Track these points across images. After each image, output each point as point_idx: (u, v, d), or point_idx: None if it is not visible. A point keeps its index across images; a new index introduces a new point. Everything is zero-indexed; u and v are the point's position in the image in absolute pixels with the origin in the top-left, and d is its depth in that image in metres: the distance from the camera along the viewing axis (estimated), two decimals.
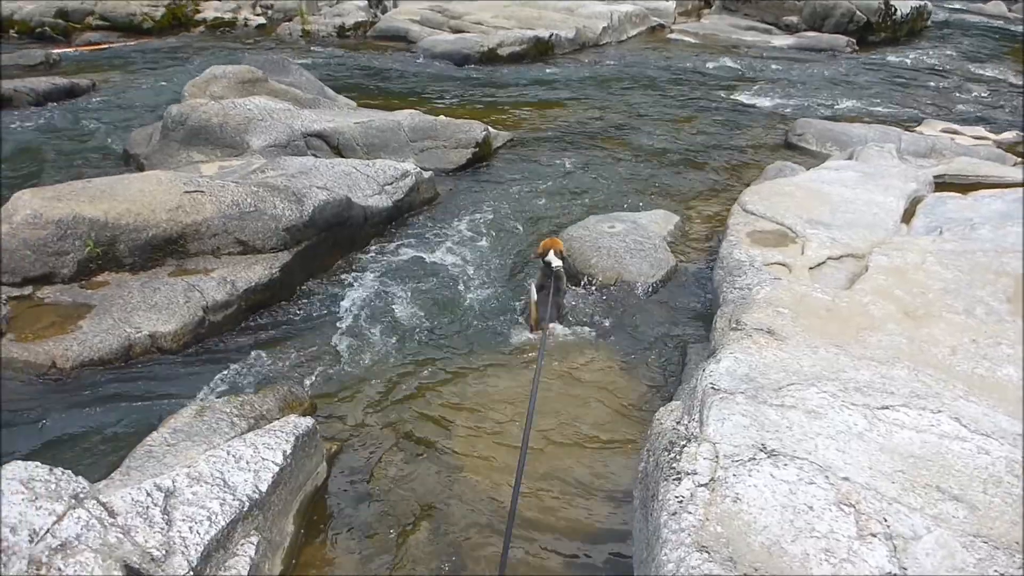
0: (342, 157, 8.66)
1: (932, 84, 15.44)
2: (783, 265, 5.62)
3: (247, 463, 3.66)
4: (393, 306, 6.19)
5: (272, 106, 8.93)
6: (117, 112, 10.90)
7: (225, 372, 5.21)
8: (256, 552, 3.40)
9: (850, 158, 8.83)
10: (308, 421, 4.08)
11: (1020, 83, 15.81)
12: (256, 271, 6.07)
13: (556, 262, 5.76)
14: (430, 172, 8.32)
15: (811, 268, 5.55)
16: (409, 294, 6.38)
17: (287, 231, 6.31)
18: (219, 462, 3.63)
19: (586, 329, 5.92)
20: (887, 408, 3.39)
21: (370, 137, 8.97)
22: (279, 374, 5.27)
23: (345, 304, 6.18)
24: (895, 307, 4.58)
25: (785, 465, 2.94)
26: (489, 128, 9.91)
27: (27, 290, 5.53)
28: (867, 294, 4.76)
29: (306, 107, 9.72)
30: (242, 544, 3.39)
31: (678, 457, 3.08)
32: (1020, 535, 2.73)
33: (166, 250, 5.99)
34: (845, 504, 2.78)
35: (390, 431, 4.77)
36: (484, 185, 8.93)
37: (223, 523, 3.29)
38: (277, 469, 3.68)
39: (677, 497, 2.84)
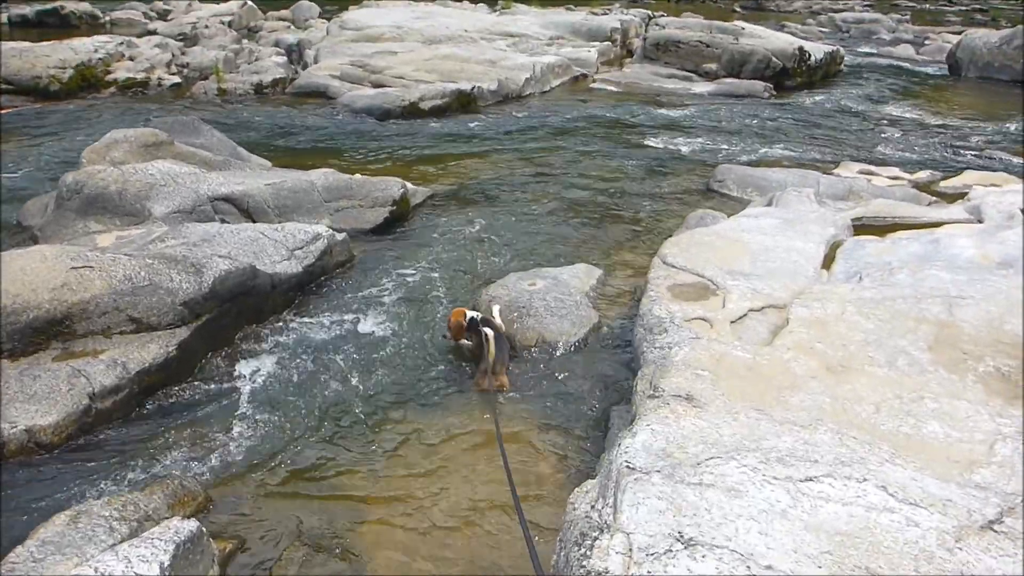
0: (252, 221, 8.30)
1: (848, 126, 15.80)
2: (704, 320, 5.45)
3: None
4: (301, 381, 5.83)
5: (176, 170, 8.54)
6: (13, 181, 10.34)
7: (112, 467, 4.77)
8: None
9: (769, 204, 8.83)
10: (192, 525, 3.69)
11: (933, 123, 16.30)
12: (151, 350, 5.65)
13: (487, 331, 5.87)
14: (344, 234, 8.00)
15: (732, 322, 5.39)
16: (319, 367, 6.03)
17: (185, 305, 5.92)
18: None
19: (508, 396, 5.63)
20: (811, 480, 3.18)
21: (282, 199, 8.63)
22: (174, 464, 4.85)
23: (249, 381, 5.79)
24: (817, 362, 4.43)
25: (703, 557, 2.69)
26: (407, 185, 9.67)
27: None
28: (788, 349, 4.61)
29: (215, 169, 9.34)
30: None
31: (588, 553, 2.81)
32: None
33: (49, 332, 5.53)
34: None
35: (292, 524, 4.39)
36: (402, 245, 8.65)
37: None
38: None
39: None
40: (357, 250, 8.30)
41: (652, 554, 2.72)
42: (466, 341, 6.12)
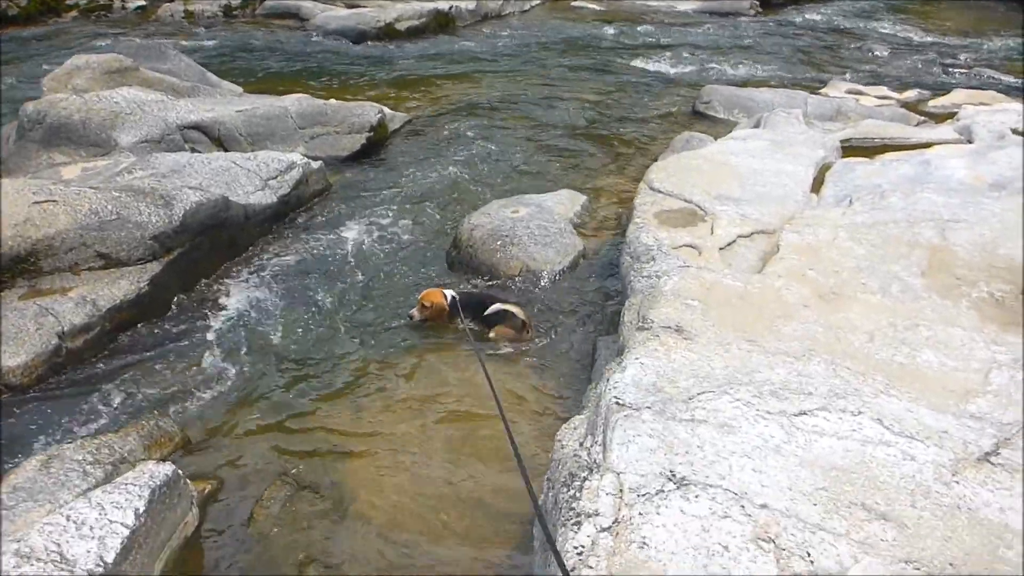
0: (224, 150, 8.03)
1: (835, 44, 15.46)
2: (692, 247, 5.32)
3: (91, 529, 3.15)
4: (278, 315, 5.67)
5: (143, 98, 8.19)
6: None
7: (85, 408, 4.63)
8: None
9: (757, 126, 8.61)
10: (167, 468, 3.57)
11: (921, 40, 15.96)
12: (121, 287, 5.46)
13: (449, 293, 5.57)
14: (319, 162, 7.74)
15: (721, 249, 5.27)
16: (296, 300, 5.87)
17: (155, 239, 5.71)
18: (56, 531, 3.11)
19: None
20: (805, 414, 3.08)
21: (254, 126, 8.33)
22: (149, 404, 4.72)
23: (225, 316, 5.63)
24: (809, 290, 4.31)
25: (696, 496, 2.60)
26: (384, 110, 9.37)
27: None
28: (779, 277, 4.48)
29: (184, 96, 8.99)
30: None
31: (578, 494, 2.71)
32: (952, 554, 2.46)
33: (14, 271, 5.32)
34: (764, 539, 2.45)
35: (273, 464, 4.28)
36: (380, 173, 8.40)
37: None
38: (128, 532, 3.18)
39: (576, 548, 2.46)
40: (334, 178, 8.06)
41: (643, 495, 2.63)
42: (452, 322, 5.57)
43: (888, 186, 6.00)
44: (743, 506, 2.57)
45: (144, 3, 16.92)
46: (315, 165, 7.59)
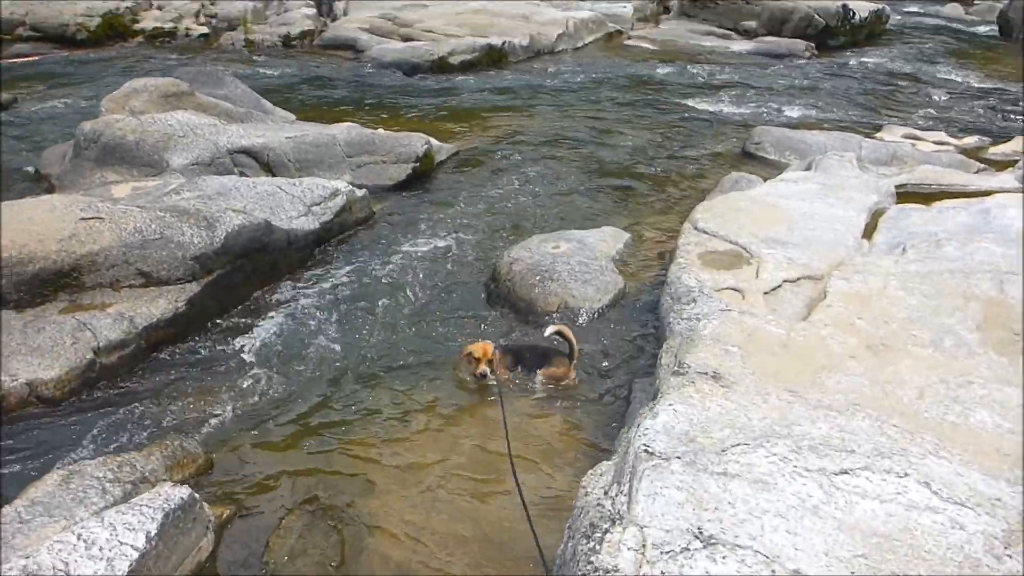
0: (272, 175, 8.09)
1: (892, 88, 15.18)
2: (736, 290, 5.15)
3: (100, 550, 3.10)
4: (313, 343, 5.63)
5: (196, 121, 8.32)
6: (36, 128, 10.22)
7: (113, 424, 4.62)
8: None
9: (809, 168, 8.42)
10: (183, 491, 3.51)
11: (982, 86, 15.60)
12: (159, 305, 5.49)
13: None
14: (364, 190, 7.76)
15: (766, 293, 5.09)
16: (332, 329, 5.83)
17: (196, 260, 5.73)
18: (65, 550, 3.07)
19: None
20: (846, 472, 2.91)
21: (303, 153, 8.40)
22: (177, 424, 4.69)
23: (260, 340, 5.60)
24: (856, 340, 4.13)
25: (724, 558, 2.44)
26: (432, 141, 9.38)
27: None
28: (826, 325, 4.30)
29: (236, 121, 9.13)
30: None
31: (598, 547, 2.57)
32: None
33: (57, 284, 5.38)
34: None
35: (294, 492, 4.20)
36: (424, 203, 8.39)
37: None
38: (137, 556, 3.12)
39: None
40: (378, 207, 8.07)
41: (668, 552, 2.48)
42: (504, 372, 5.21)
43: (944, 234, 5.77)
44: (773, 570, 2.41)
45: (207, 31, 17.36)
46: (359, 193, 7.61)
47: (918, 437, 3.21)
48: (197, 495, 3.61)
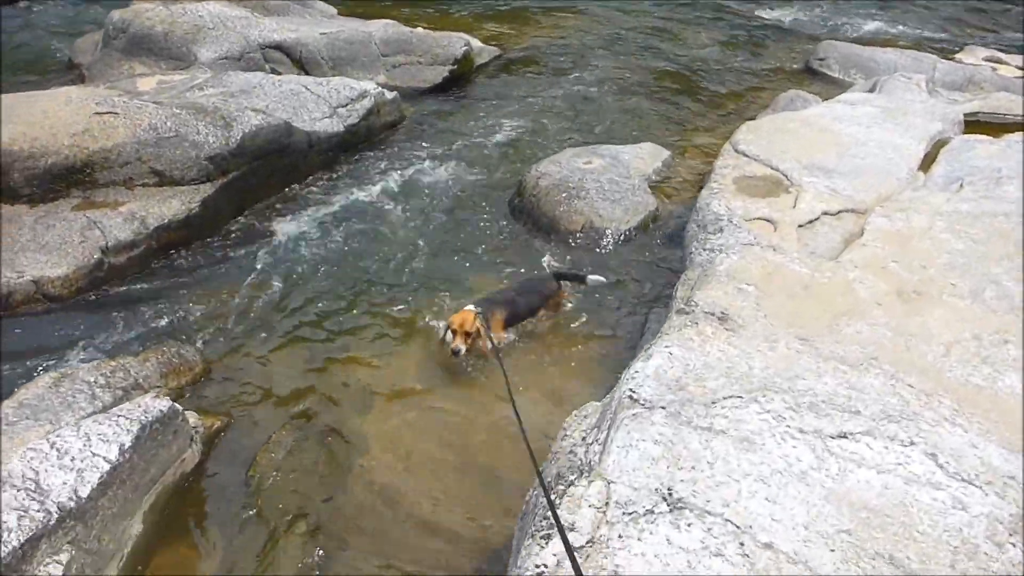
0: (305, 72, 7.86)
1: (983, 5, 13.98)
2: (768, 221, 4.82)
3: (72, 460, 3.05)
4: (326, 253, 5.48)
5: (227, 13, 8.06)
6: (73, 15, 10.05)
7: (115, 325, 4.58)
8: (65, 573, 2.81)
9: (872, 90, 7.83)
10: (163, 404, 3.44)
11: None
12: (172, 206, 5.38)
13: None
14: (394, 93, 7.47)
15: (800, 226, 4.74)
16: (348, 239, 5.67)
17: (211, 160, 5.59)
18: (37, 459, 3.03)
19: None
20: (845, 436, 2.66)
21: (337, 50, 8.11)
22: (178, 329, 4.63)
23: (272, 247, 5.48)
24: (886, 285, 3.80)
25: (690, 525, 2.25)
26: (472, 42, 8.98)
27: None
28: (855, 267, 3.98)
29: (272, 14, 8.83)
30: (46, 564, 2.80)
31: (559, 500, 2.40)
32: None
33: (69, 180, 5.30)
34: None
35: (286, 406, 4.13)
36: (458, 108, 8.07)
37: (16, 543, 2.68)
38: (109, 468, 3.07)
39: (537, 567, 2.16)
40: (409, 111, 7.78)
41: (630, 513, 2.29)
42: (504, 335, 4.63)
43: (1008, 172, 5.29)
44: (742, 543, 2.20)
45: None
46: (389, 95, 7.32)
47: (935, 400, 2.93)
48: (179, 407, 3.54)
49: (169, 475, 3.53)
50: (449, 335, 4.33)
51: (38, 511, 2.81)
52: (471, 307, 4.33)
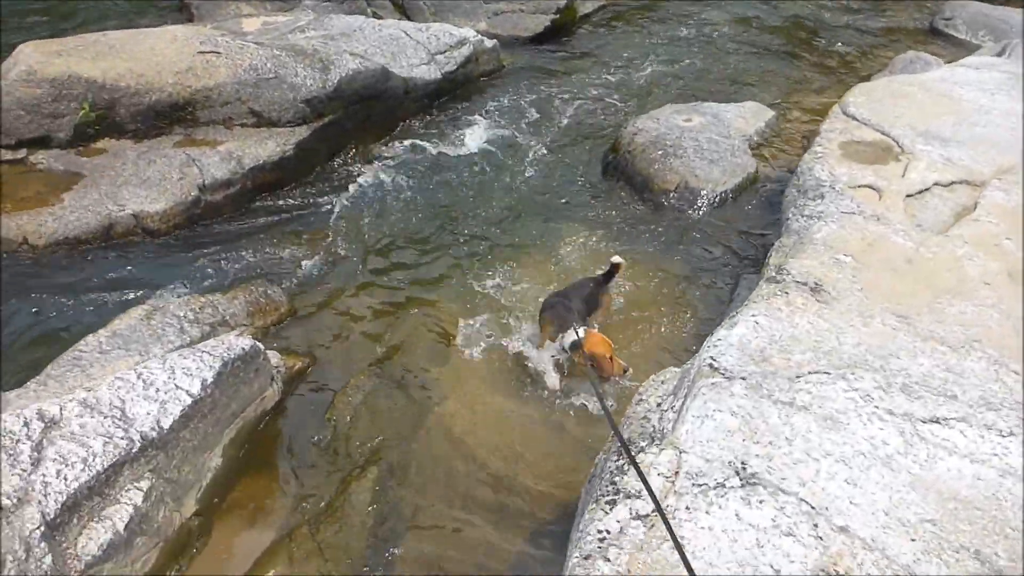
0: (406, 17, 7.85)
1: None
2: (873, 189, 4.55)
3: (156, 391, 3.15)
4: (417, 202, 5.49)
5: None
6: None
7: (208, 262, 4.71)
8: (146, 499, 2.93)
9: (1001, 54, 7.29)
10: (246, 342, 3.52)
11: None
12: (267, 147, 5.47)
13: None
14: (494, 41, 7.38)
15: (908, 196, 4.47)
16: (438, 189, 5.66)
17: (307, 103, 5.64)
18: (124, 388, 3.14)
19: (630, 243, 5.06)
20: (937, 422, 2.51)
21: None
22: (267, 269, 4.73)
23: (364, 193, 5.52)
24: (997, 264, 3.55)
25: (762, 502, 2.16)
26: None
27: (21, 153, 5.15)
28: (965, 242, 3.73)
29: None
30: (128, 490, 2.92)
31: (627, 467, 2.34)
32: None
33: (172, 117, 5.44)
34: (828, 573, 1.99)
35: (366, 352, 4.19)
36: (557, 59, 7.91)
37: (100, 467, 2.80)
38: (190, 401, 3.16)
39: (600, 532, 2.12)
40: (509, 59, 7.68)
41: (700, 485, 2.22)
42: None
43: None
44: (816, 524, 2.11)
45: None
46: (488, 44, 7.24)
47: None
48: (261, 346, 3.62)
49: (250, 411, 3.63)
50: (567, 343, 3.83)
51: (122, 439, 2.92)
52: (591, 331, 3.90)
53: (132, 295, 4.31)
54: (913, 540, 2.11)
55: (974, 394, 2.66)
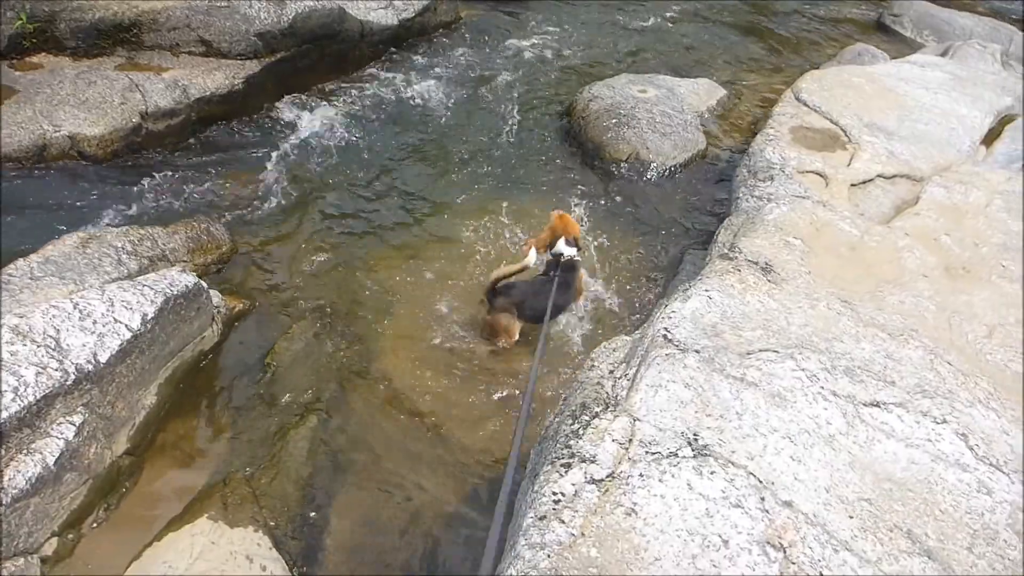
0: None
1: None
2: (820, 176, 4.67)
3: (94, 323, 3.03)
4: (365, 147, 5.38)
5: None
6: None
7: (146, 193, 4.54)
8: (78, 434, 2.83)
9: (944, 54, 7.51)
10: (189, 279, 3.41)
11: None
12: (215, 78, 5.27)
13: (569, 251, 3.99)
14: None
15: (853, 185, 4.60)
16: (387, 136, 5.56)
17: (260, 37, 5.44)
18: (59, 317, 3.01)
19: (578, 209, 5.07)
20: (877, 405, 2.61)
21: None
22: (210, 204, 4.58)
23: (312, 134, 5.39)
24: (935, 259, 3.69)
25: (712, 473, 2.22)
26: None
27: None
28: (906, 235, 3.86)
29: None
30: (59, 424, 2.82)
31: (581, 431, 2.37)
32: None
33: (116, 38, 5.19)
34: (774, 545, 2.06)
35: (311, 297, 4.11)
36: (516, 17, 7.81)
37: (32, 398, 2.70)
38: (130, 336, 3.06)
39: (554, 494, 2.14)
40: (467, 12, 7.54)
41: (653, 453, 2.26)
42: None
43: None
44: (763, 498, 2.18)
45: None
46: None
47: (971, 381, 2.86)
48: (204, 284, 3.52)
49: (188, 351, 3.53)
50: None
51: (56, 370, 2.81)
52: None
53: (66, 221, 4.11)
54: (851, 517, 2.20)
55: (911, 381, 2.77)
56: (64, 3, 4.93)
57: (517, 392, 3.70)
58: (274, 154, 5.11)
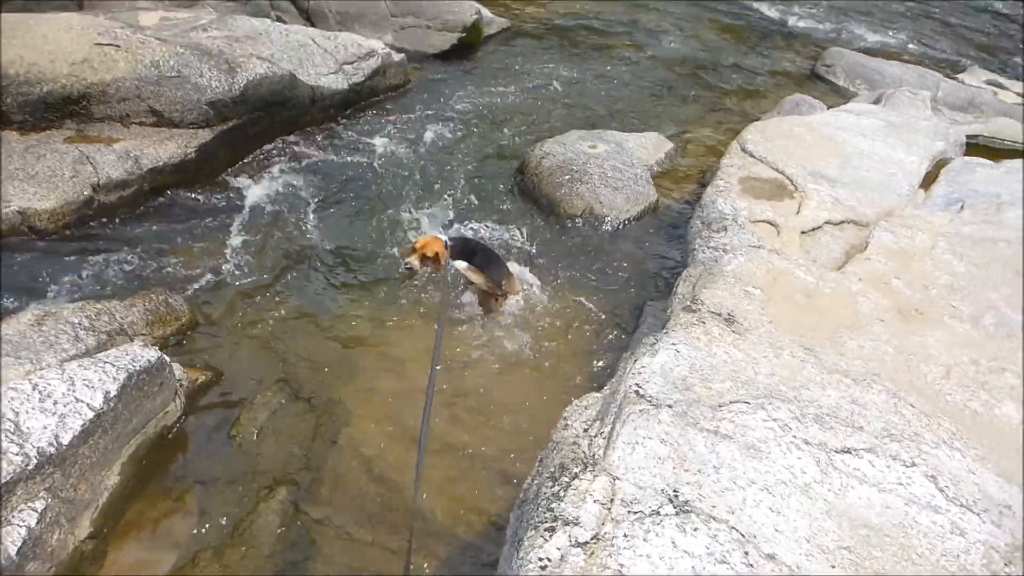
0: (311, 24, 7.68)
1: (988, 26, 14.04)
2: (771, 224, 4.80)
3: (55, 404, 2.95)
4: (321, 211, 5.38)
5: None
6: None
7: (101, 267, 4.46)
8: (40, 521, 2.73)
9: (877, 102, 7.83)
10: (151, 353, 3.34)
11: None
12: (167, 148, 5.24)
13: (460, 264, 4.52)
14: (402, 55, 7.35)
15: (803, 232, 4.73)
16: (342, 200, 5.56)
17: (211, 105, 5.44)
18: (19, 399, 2.92)
19: (533, 268, 5.11)
20: (848, 452, 2.66)
21: (346, 5, 7.97)
22: (167, 276, 4.52)
23: (266, 200, 5.37)
24: (889, 302, 3.80)
25: (696, 529, 2.23)
26: (483, 11, 8.84)
27: None
28: (859, 280, 3.97)
29: None
30: (21, 511, 2.71)
31: (562, 493, 2.36)
32: None
33: (64, 111, 5.13)
34: None
35: (274, 366, 4.05)
36: (464, 77, 7.95)
37: None
38: (92, 415, 2.97)
39: (541, 560, 2.13)
40: (415, 75, 7.65)
41: (636, 512, 2.27)
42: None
43: (1008, 198, 5.32)
44: (747, 552, 2.19)
45: None
46: (397, 57, 7.19)
47: (935, 422, 2.94)
48: (167, 358, 3.45)
49: (151, 427, 3.45)
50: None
51: (16, 454, 2.71)
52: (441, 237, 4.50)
53: (18, 297, 4.02)
54: (833, 567, 2.23)
55: (878, 425, 2.83)
56: (11, 78, 4.87)
57: (493, 456, 3.68)
58: (228, 222, 5.07)
